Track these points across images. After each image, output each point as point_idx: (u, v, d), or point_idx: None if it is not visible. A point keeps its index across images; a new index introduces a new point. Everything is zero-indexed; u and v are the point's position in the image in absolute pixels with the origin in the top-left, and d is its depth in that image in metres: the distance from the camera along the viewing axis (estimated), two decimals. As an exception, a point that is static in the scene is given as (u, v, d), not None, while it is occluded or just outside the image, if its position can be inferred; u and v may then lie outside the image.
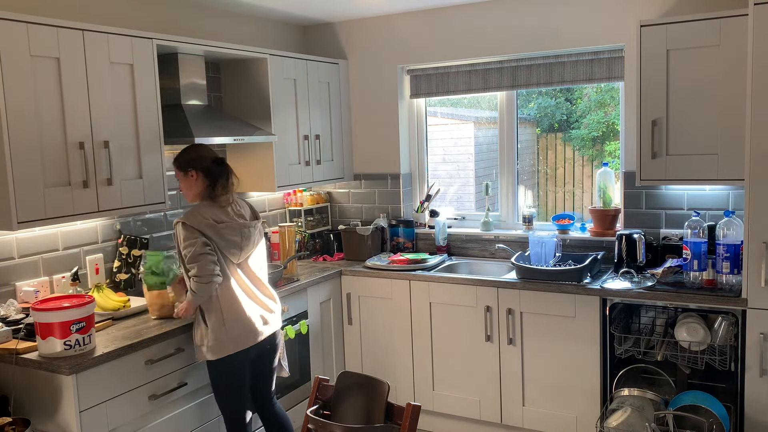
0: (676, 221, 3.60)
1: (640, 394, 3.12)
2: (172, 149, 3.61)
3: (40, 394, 2.53)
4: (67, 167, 2.72)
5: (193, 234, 2.72)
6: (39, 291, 2.96)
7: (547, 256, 3.68)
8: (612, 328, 3.27)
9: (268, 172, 3.83)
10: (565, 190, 4.30)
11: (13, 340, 2.62)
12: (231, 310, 2.78)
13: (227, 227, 2.80)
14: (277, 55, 3.82)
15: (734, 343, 3.03)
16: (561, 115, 4.31)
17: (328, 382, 2.62)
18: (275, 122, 3.79)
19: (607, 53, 3.73)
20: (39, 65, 2.61)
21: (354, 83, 4.49)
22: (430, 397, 3.85)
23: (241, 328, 2.80)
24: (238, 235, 2.83)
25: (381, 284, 3.90)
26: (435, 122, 4.59)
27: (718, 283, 3.14)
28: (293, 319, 3.62)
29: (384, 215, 4.45)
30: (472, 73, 4.14)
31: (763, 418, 2.95)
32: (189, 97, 3.45)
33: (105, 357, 2.54)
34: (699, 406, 2.92)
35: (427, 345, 3.81)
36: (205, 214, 2.79)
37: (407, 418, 2.27)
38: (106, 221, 3.28)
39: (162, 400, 2.80)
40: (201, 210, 2.81)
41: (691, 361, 3.13)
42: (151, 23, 3.47)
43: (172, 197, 3.60)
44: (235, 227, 2.83)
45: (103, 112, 2.86)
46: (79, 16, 3.12)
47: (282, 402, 3.55)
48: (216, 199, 2.86)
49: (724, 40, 3.08)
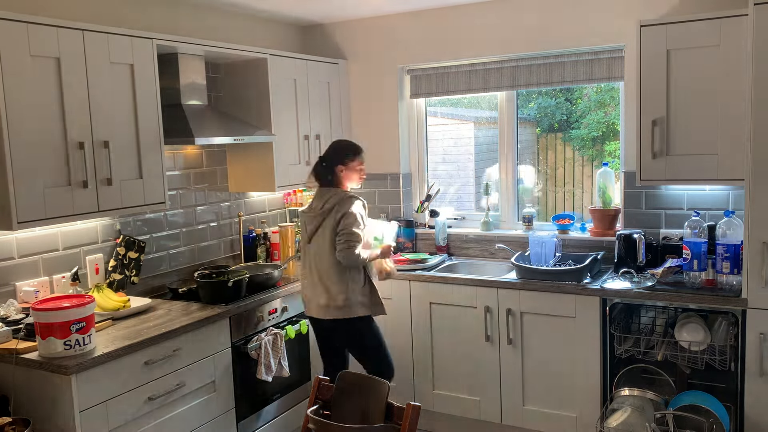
0: (676, 221, 3.59)
1: (640, 394, 3.12)
2: (172, 149, 3.62)
3: (40, 394, 2.53)
4: (67, 167, 2.72)
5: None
6: (39, 291, 2.96)
7: (547, 256, 3.68)
8: (612, 328, 3.27)
9: (268, 172, 3.83)
10: (565, 190, 4.30)
11: (13, 340, 2.63)
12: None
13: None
14: (277, 55, 3.82)
15: (734, 343, 3.03)
16: (561, 115, 4.31)
17: (328, 382, 2.62)
18: (275, 122, 3.79)
19: (607, 53, 3.73)
20: (39, 65, 2.61)
21: (354, 83, 4.49)
22: (430, 397, 3.85)
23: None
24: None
25: (381, 284, 3.89)
26: (435, 122, 4.58)
27: (718, 283, 3.14)
28: (293, 319, 3.62)
29: (384, 215, 4.45)
30: (472, 73, 4.13)
31: (763, 418, 2.95)
32: (189, 97, 3.45)
33: (105, 357, 2.54)
34: (699, 406, 2.92)
35: (427, 345, 3.81)
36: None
37: (407, 418, 2.26)
38: (106, 221, 3.28)
39: (162, 400, 2.80)
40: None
41: (691, 361, 3.13)
42: (151, 23, 3.47)
43: (172, 197, 3.60)
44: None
45: (103, 112, 2.86)
46: (79, 16, 3.12)
47: (282, 402, 3.55)
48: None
49: (724, 40, 3.08)
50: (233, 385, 3.20)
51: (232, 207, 4.04)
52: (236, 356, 3.21)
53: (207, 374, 3.05)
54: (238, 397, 3.23)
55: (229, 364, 3.18)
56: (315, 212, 3.30)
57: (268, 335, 3.35)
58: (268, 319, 3.42)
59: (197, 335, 2.99)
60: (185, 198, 3.73)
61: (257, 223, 4.21)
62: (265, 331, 3.36)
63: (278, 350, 3.39)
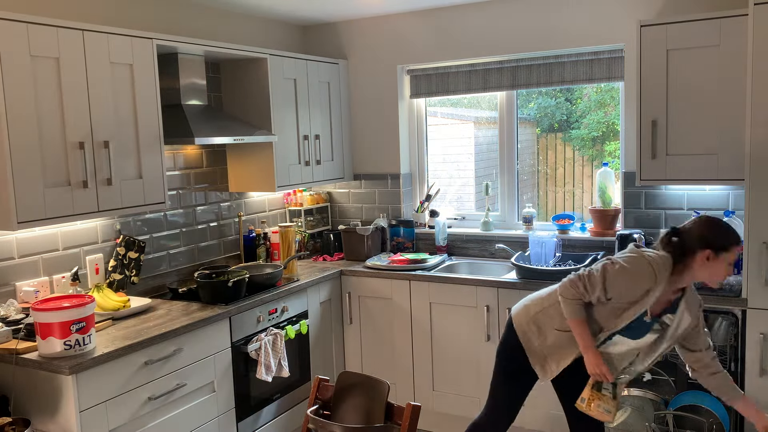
0: (676, 221, 3.59)
1: (640, 394, 3.12)
2: (172, 149, 3.62)
3: (40, 394, 2.53)
4: (66, 167, 2.72)
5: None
6: (39, 291, 2.96)
7: (547, 256, 3.68)
8: (612, 328, 3.27)
9: (268, 172, 3.83)
10: (565, 190, 4.30)
11: (13, 340, 2.62)
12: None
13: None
14: (277, 55, 3.82)
15: (734, 343, 3.03)
16: (561, 115, 4.31)
17: (328, 382, 2.62)
18: (275, 122, 3.79)
19: (607, 53, 3.73)
20: (39, 65, 2.61)
21: (354, 83, 4.49)
22: (430, 397, 3.85)
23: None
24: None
25: (381, 284, 3.90)
26: (435, 122, 4.58)
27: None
28: (293, 319, 3.62)
29: (384, 215, 4.45)
30: (472, 73, 4.13)
31: (763, 418, 2.95)
32: (189, 97, 3.45)
33: (105, 357, 2.54)
34: (699, 406, 2.92)
35: (427, 345, 3.81)
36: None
37: (407, 418, 2.27)
38: (106, 221, 3.28)
39: (162, 400, 2.80)
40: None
41: (691, 361, 3.12)
42: (151, 23, 3.47)
43: (172, 197, 3.61)
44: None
45: (103, 112, 2.86)
46: (79, 16, 3.12)
47: (282, 402, 3.55)
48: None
49: (723, 40, 3.08)
50: (233, 385, 3.20)
51: (232, 207, 4.04)
52: (236, 356, 3.21)
53: (207, 374, 3.05)
54: (238, 397, 3.23)
55: (229, 364, 3.17)
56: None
57: (268, 335, 3.35)
58: (268, 319, 3.42)
59: (197, 335, 2.99)
60: (185, 198, 3.73)
61: (257, 223, 4.21)
62: (265, 331, 3.36)
63: (278, 350, 3.39)
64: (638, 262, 2.38)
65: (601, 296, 2.42)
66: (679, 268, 2.39)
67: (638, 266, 2.37)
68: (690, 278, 2.41)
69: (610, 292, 2.40)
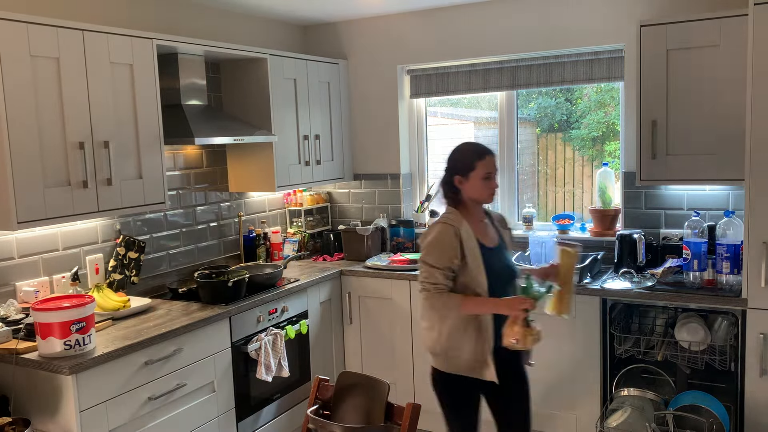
0: (676, 221, 3.59)
1: (640, 394, 3.13)
2: (172, 149, 3.62)
3: (40, 394, 2.53)
4: (66, 167, 2.72)
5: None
6: (39, 291, 2.96)
7: (547, 256, 3.68)
8: (612, 328, 3.27)
9: (268, 172, 3.83)
10: (565, 190, 4.30)
11: (13, 340, 2.62)
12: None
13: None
14: (277, 55, 3.82)
15: (734, 343, 3.03)
16: (561, 115, 4.31)
17: (328, 382, 2.62)
18: (275, 122, 3.79)
19: (607, 53, 3.73)
20: (39, 65, 2.61)
21: (354, 83, 4.49)
22: (430, 397, 3.84)
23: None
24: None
25: (381, 284, 3.90)
26: (435, 122, 4.58)
27: (718, 283, 3.14)
28: (293, 319, 3.62)
29: (384, 215, 4.45)
30: (472, 73, 4.13)
31: (763, 418, 2.95)
32: (189, 97, 3.45)
33: (105, 357, 2.54)
34: (699, 406, 2.92)
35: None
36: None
37: (407, 418, 2.26)
38: (106, 221, 3.28)
39: (162, 401, 2.80)
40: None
41: (691, 361, 3.12)
42: (151, 23, 3.47)
43: (172, 197, 3.60)
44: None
45: (103, 112, 2.86)
46: (79, 16, 3.12)
47: (282, 402, 3.55)
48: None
49: (723, 40, 3.08)
50: (233, 385, 3.20)
51: (232, 207, 4.04)
52: (236, 356, 3.21)
53: (207, 374, 3.05)
54: (238, 397, 3.23)
55: (229, 364, 3.17)
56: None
57: (268, 335, 3.35)
58: (268, 319, 3.42)
59: (197, 335, 2.99)
60: (185, 198, 3.73)
61: (257, 223, 4.21)
62: (265, 331, 3.36)
63: (278, 350, 3.39)
64: (432, 228, 2.57)
65: (448, 274, 2.52)
66: (462, 206, 2.59)
67: (434, 230, 2.55)
68: (472, 206, 2.60)
69: (442, 264, 2.50)
